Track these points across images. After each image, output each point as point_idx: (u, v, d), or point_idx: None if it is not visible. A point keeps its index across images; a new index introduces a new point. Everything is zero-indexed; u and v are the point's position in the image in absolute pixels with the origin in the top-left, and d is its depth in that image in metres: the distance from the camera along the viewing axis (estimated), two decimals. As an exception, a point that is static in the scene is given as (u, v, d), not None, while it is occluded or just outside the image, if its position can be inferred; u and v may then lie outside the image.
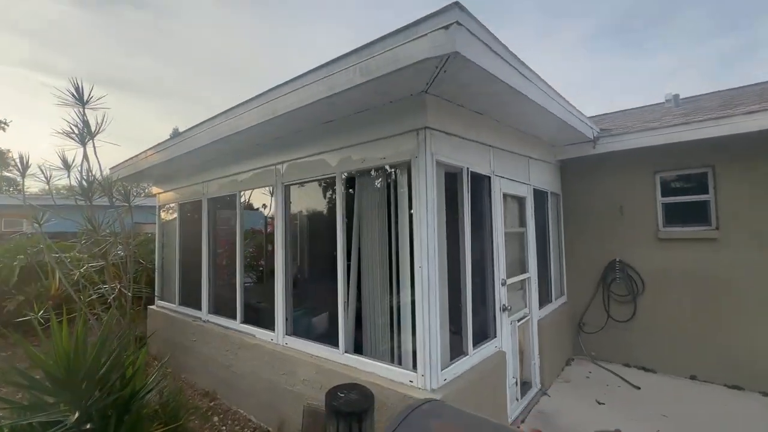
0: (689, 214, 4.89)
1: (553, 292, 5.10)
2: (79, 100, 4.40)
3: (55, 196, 4.79)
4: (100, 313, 4.82)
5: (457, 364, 2.89)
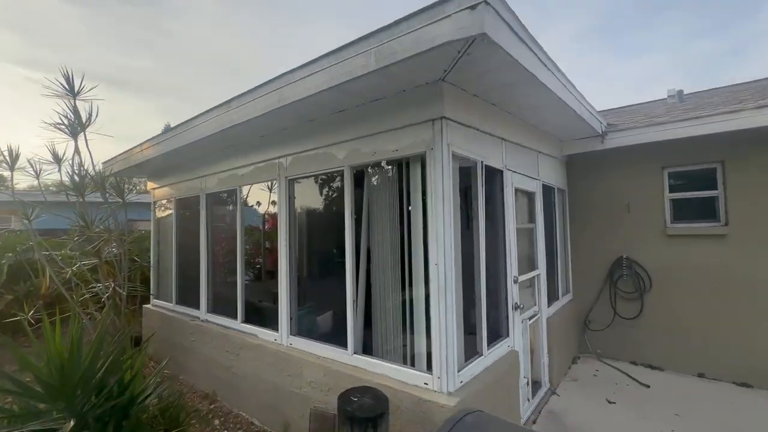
0: (697, 210, 4.83)
1: (560, 289, 5.02)
2: (70, 90, 4.21)
3: (45, 191, 4.60)
4: (93, 313, 4.64)
5: (473, 365, 2.77)
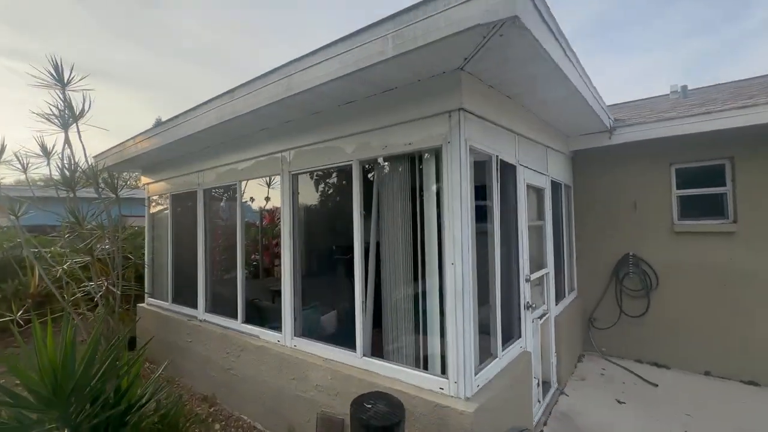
0: (705, 207, 4.77)
1: (566, 287, 4.94)
2: (59, 80, 3.99)
3: (33, 186, 4.38)
4: (85, 312, 4.45)
5: (488, 368, 2.67)
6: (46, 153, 4.12)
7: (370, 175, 3.02)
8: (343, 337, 3.12)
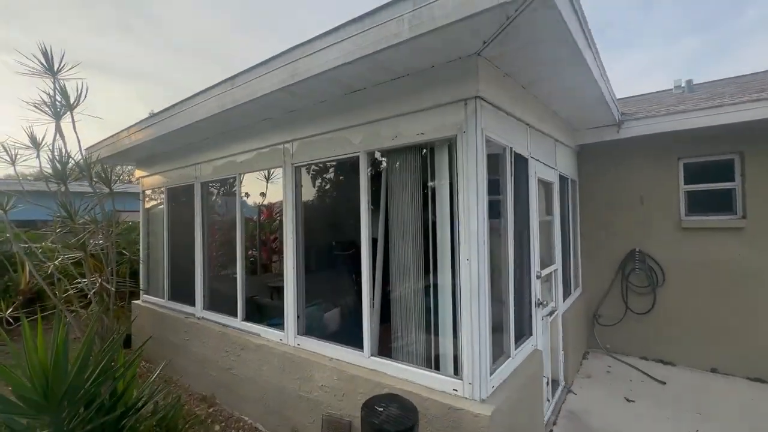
0: (713, 202, 4.70)
1: (572, 283, 4.87)
2: (49, 69, 3.80)
3: (23, 180, 4.20)
4: (78, 310, 4.29)
5: (502, 368, 2.56)
6: (35, 144, 3.94)
7: (378, 168, 2.90)
8: (349, 336, 3.01)
